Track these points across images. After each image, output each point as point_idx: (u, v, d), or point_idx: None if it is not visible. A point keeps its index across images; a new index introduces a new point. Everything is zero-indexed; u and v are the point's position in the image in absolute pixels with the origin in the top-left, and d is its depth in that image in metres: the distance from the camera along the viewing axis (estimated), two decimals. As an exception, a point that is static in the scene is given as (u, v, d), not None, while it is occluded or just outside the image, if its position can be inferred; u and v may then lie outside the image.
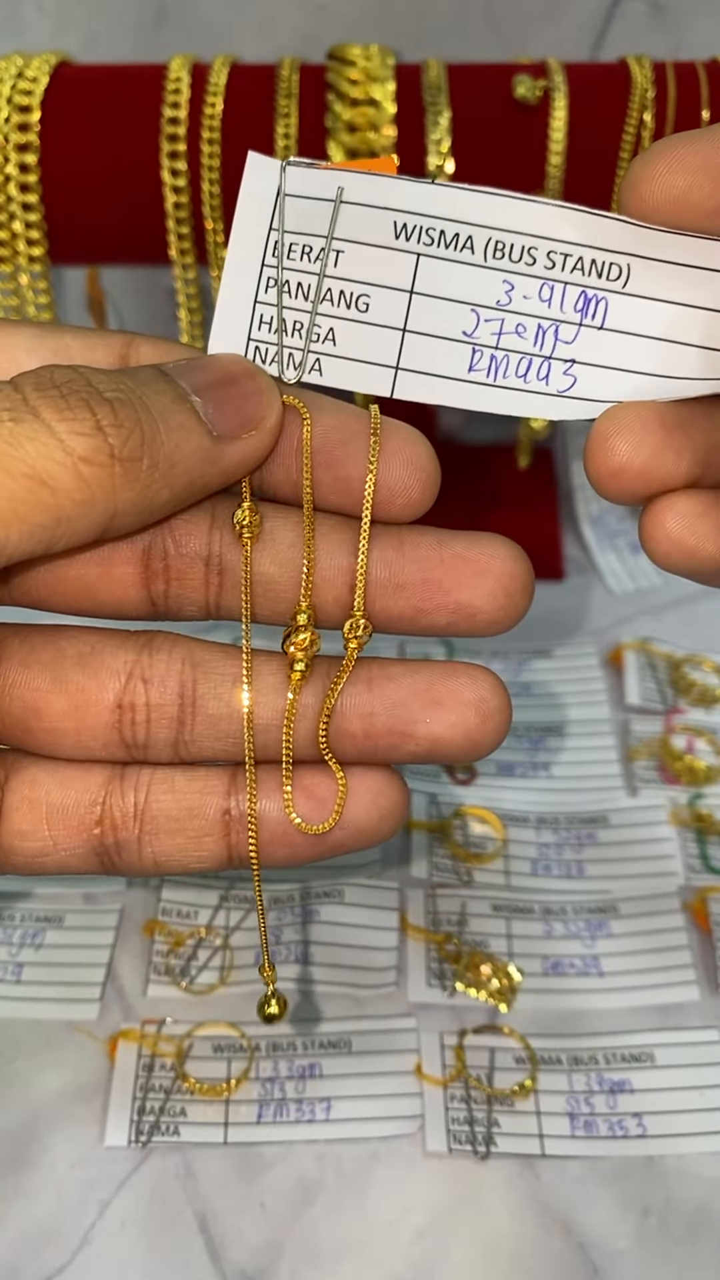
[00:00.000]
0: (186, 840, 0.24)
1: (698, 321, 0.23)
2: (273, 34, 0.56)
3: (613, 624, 0.54)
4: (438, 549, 0.24)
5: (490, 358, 0.23)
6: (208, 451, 0.22)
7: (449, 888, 0.42)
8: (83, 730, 0.24)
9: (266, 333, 0.24)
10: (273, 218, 0.23)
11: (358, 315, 0.24)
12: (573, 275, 0.23)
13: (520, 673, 0.51)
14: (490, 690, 0.24)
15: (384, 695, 0.23)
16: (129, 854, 0.24)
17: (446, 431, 0.61)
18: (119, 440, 0.20)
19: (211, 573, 0.24)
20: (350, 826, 0.24)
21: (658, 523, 0.23)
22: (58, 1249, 0.33)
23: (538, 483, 0.60)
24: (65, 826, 0.24)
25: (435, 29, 0.56)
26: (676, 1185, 0.35)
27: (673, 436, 0.22)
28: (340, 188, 0.23)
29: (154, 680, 0.24)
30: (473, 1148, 0.35)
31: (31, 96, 0.44)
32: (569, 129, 0.44)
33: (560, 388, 0.23)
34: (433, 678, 0.23)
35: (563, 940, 0.41)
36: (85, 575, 0.24)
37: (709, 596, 0.55)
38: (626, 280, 0.23)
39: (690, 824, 0.44)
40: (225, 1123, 0.36)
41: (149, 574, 0.24)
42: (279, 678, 0.24)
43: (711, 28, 0.55)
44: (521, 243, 0.23)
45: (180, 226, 0.45)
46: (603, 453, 0.22)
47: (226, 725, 0.24)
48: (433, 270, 0.23)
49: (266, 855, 0.24)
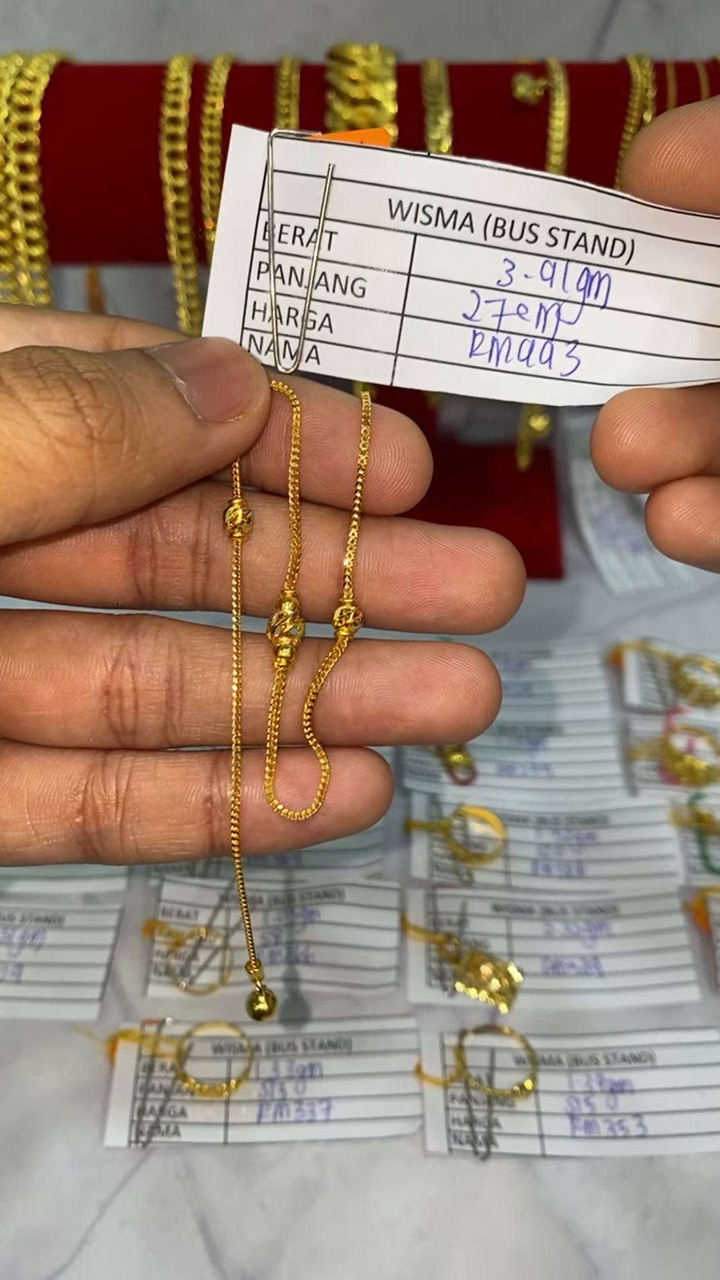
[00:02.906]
0: (168, 828, 0.24)
1: (701, 297, 0.23)
2: (273, 33, 0.56)
3: (613, 624, 0.54)
4: (427, 543, 0.23)
5: (492, 341, 0.23)
6: (192, 435, 0.21)
7: (449, 888, 0.42)
8: (70, 717, 0.24)
9: (261, 321, 0.23)
10: (261, 197, 0.23)
11: (354, 300, 0.23)
12: (575, 252, 0.22)
13: (520, 673, 0.51)
14: (480, 671, 0.23)
15: (373, 677, 0.23)
16: (111, 842, 0.24)
17: (446, 431, 0.61)
18: (98, 421, 0.20)
19: (199, 561, 0.23)
20: (333, 812, 0.23)
21: (664, 511, 0.22)
22: (57, 1249, 0.33)
23: (538, 483, 0.60)
24: (47, 815, 0.24)
25: (435, 28, 0.56)
26: (677, 1185, 0.35)
27: (680, 424, 0.22)
28: (332, 164, 0.22)
29: (141, 665, 0.23)
30: (473, 1148, 0.35)
31: (31, 96, 0.44)
32: (569, 129, 0.44)
33: (564, 370, 0.23)
34: (422, 659, 0.23)
35: (563, 940, 0.41)
36: (70, 562, 0.23)
37: (709, 596, 0.55)
38: (630, 256, 0.22)
39: (690, 824, 0.44)
40: (225, 1123, 0.36)
41: (135, 561, 0.23)
42: (267, 662, 0.24)
43: (711, 28, 0.55)
44: (522, 219, 0.22)
45: (180, 226, 0.45)
46: (610, 440, 0.22)
47: (215, 710, 0.24)
48: (431, 250, 0.22)
49: (249, 843, 0.24)
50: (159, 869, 0.42)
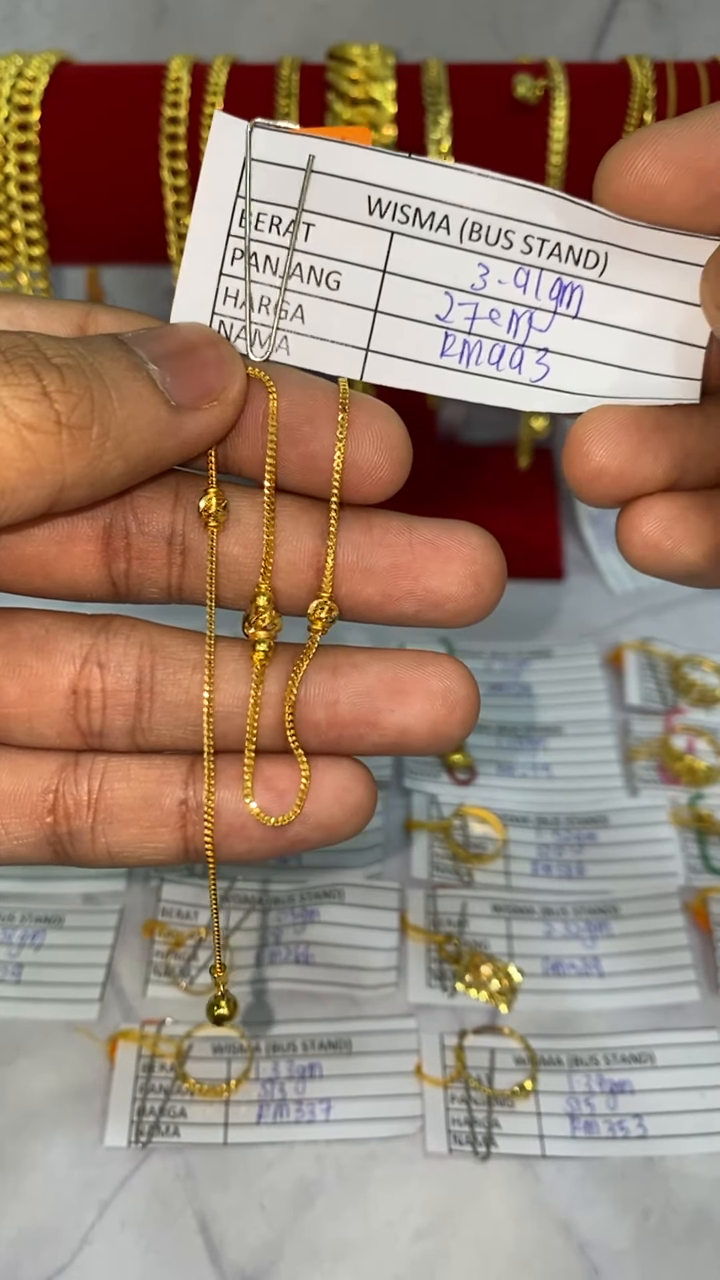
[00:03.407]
0: (141, 831, 0.23)
1: (674, 314, 0.23)
2: (273, 33, 0.56)
3: (613, 624, 0.54)
4: (407, 534, 0.23)
5: (463, 343, 0.23)
6: (165, 422, 0.21)
7: (449, 888, 0.42)
8: (36, 716, 0.23)
9: (232, 307, 0.23)
10: (240, 184, 0.22)
11: (328, 293, 0.23)
12: (549, 261, 0.22)
13: (520, 673, 0.51)
14: (457, 680, 0.23)
15: (349, 683, 0.23)
16: (82, 844, 0.24)
17: (446, 431, 0.61)
18: (66, 407, 0.19)
19: (174, 552, 0.23)
20: (311, 820, 0.23)
21: (634, 526, 0.23)
22: (57, 1249, 0.33)
23: (538, 483, 0.60)
24: (16, 814, 0.23)
25: (435, 28, 0.56)
26: (677, 1186, 0.35)
27: (649, 440, 0.22)
28: (311, 156, 0.22)
29: (110, 665, 0.23)
30: (473, 1148, 0.35)
31: (31, 96, 0.44)
32: (569, 129, 0.44)
33: (533, 377, 0.23)
34: (399, 666, 0.23)
35: (563, 941, 0.41)
36: (43, 553, 0.23)
37: (709, 596, 0.55)
38: (604, 269, 0.22)
39: (690, 824, 0.44)
40: (225, 1123, 0.36)
41: (109, 553, 0.23)
42: (241, 664, 0.23)
43: (711, 28, 0.56)
44: (498, 225, 0.22)
45: (180, 226, 0.45)
46: (580, 457, 0.22)
47: (186, 713, 0.23)
48: (407, 249, 0.22)
49: (224, 849, 0.23)
50: (159, 869, 0.42)
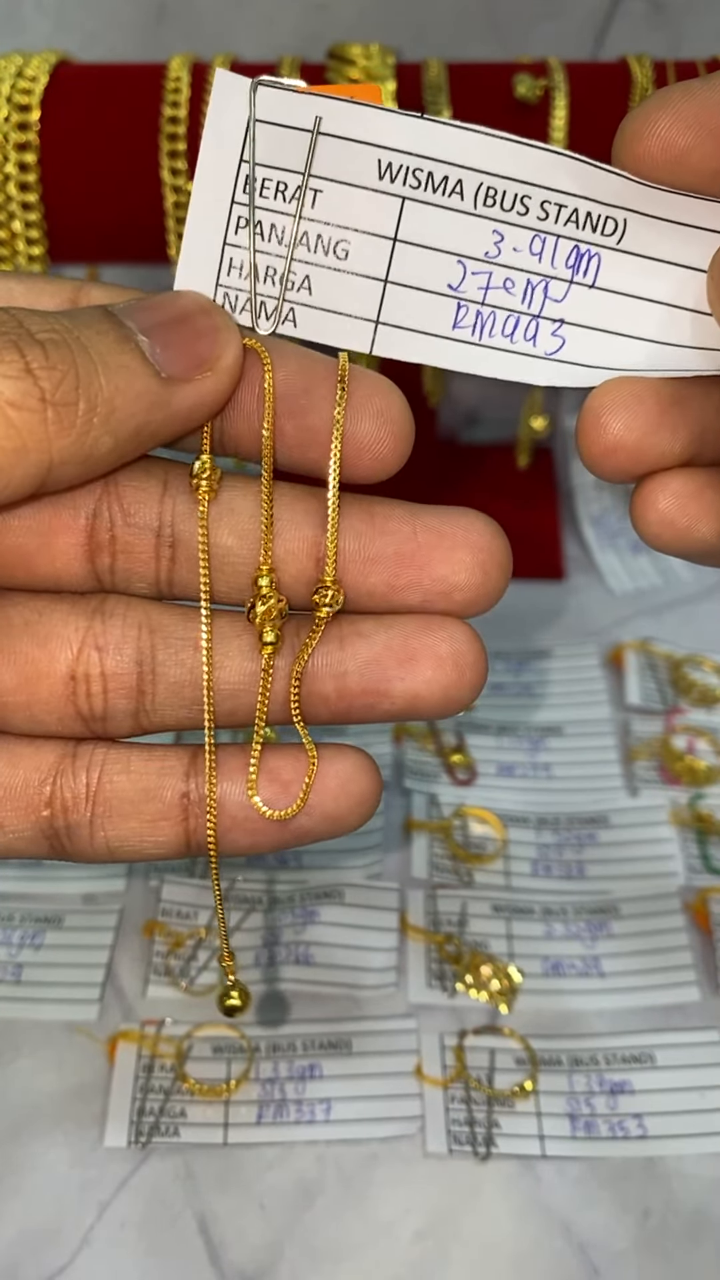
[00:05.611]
0: (141, 824, 0.23)
1: (694, 284, 0.22)
2: (273, 33, 0.56)
3: (613, 624, 0.54)
4: (410, 521, 0.22)
5: (476, 314, 0.22)
6: (155, 395, 0.20)
7: (449, 888, 0.42)
8: (34, 704, 0.22)
9: (237, 278, 0.22)
10: (243, 148, 0.21)
11: (336, 262, 0.22)
12: (566, 228, 0.21)
13: (520, 673, 0.51)
14: (467, 643, 0.22)
15: (357, 653, 0.22)
16: (80, 838, 0.23)
17: (446, 431, 0.61)
18: (50, 383, 0.19)
19: (163, 545, 0.22)
20: (316, 812, 0.22)
21: (650, 502, 0.22)
22: (57, 1250, 0.33)
23: (538, 483, 0.60)
24: (13, 807, 0.23)
25: (435, 28, 0.56)
26: (677, 1186, 0.34)
27: (667, 414, 0.22)
28: (319, 117, 0.21)
29: (109, 647, 0.22)
30: (473, 1149, 0.35)
31: (31, 96, 0.44)
32: (569, 128, 0.44)
33: (548, 349, 0.22)
34: (407, 632, 0.22)
35: (563, 941, 0.41)
36: (23, 545, 0.22)
37: (709, 596, 0.55)
38: (622, 236, 0.22)
39: (691, 824, 0.44)
40: (225, 1124, 0.36)
41: (93, 545, 0.22)
42: (244, 640, 0.22)
43: (711, 28, 0.55)
44: (514, 190, 0.21)
45: (180, 226, 0.45)
46: (595, 429, 0.21)
47: (190, 692, 0.22)
48: (419, 216, 0.21)
49: (226, 842, 0.22)
50: (158, 869, 0.42)
